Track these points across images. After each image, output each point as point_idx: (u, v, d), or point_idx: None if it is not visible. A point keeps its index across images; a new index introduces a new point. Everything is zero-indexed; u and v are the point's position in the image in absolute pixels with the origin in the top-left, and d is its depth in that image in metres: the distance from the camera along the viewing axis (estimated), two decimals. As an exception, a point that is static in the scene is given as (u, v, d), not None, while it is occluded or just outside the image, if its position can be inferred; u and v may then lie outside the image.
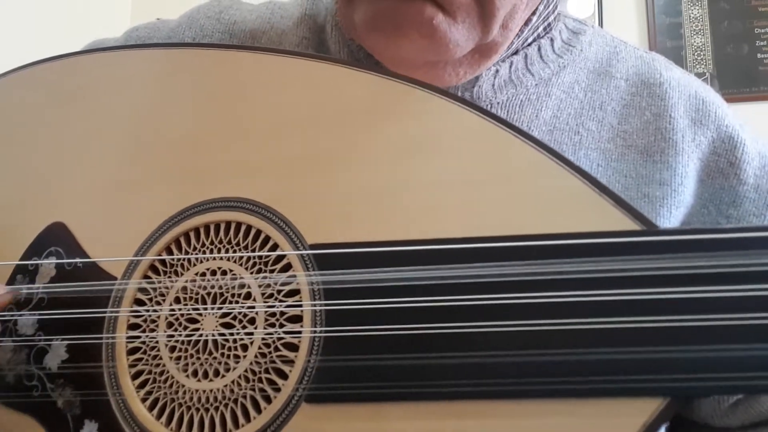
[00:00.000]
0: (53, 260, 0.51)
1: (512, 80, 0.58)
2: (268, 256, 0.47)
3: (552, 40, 0.61)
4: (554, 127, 0.58)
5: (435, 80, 0.53)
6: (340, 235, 0.45)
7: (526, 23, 0.57)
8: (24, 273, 0.52)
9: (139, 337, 0.48)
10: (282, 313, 0.45)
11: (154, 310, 0.48)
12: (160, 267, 0.49)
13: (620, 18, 2.36)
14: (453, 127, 0.47)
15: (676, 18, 2.37)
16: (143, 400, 0.47)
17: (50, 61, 0.59)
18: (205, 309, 0.47)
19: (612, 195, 0.42)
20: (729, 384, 0.38)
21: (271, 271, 0.46)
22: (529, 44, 0.59)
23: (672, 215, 0.56)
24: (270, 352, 0.45)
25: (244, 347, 0.46)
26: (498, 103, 0.58)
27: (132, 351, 0.48)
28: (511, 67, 0.58)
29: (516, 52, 0.58)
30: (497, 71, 0.57)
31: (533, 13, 0.58)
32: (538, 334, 0.40)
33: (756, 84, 2.29)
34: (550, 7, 0.59)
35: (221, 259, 0.48)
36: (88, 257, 0.51)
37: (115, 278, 0.49)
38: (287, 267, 0.46)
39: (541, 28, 0.60)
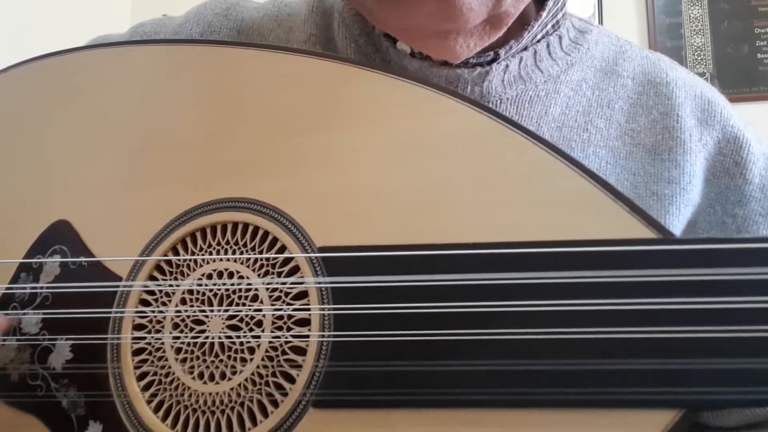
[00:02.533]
0: (57, 259, 0.51)
1: (522, 76, 0.58)
2: (276, 258, 0.46)
3: (560, 37, 0.60)
4: (563, 124, 0.58)
5: (446, 51, 0.52)
6: (349, 238, 0.45)
7: (536, 19, 0.57)
8: (28, 271, 0.51)
9: (144, 338, 0.47)
10: (290, 316, 0.45)
11: (160, 311, 0.48)
12: (166, 267, 0.49)
13: (620, 18, 2.36)
14: (461, 127, 0.46)
15: (676, 18, 2.36)
16: (148, 402, 0.46)
17: (55, 56, 0.58)
18: (212, 311, 0.47)
19: (625, 200, 0.41)
20: (746, 397, 0.37)
21: (279, 274, 0.46)
22: (538, 41, 0.59)
23: (681, 213, 0.56)
24: (277, 356, 0.44)
25: (251, 350, 0.45)
26: (508, 98, 0.58)
27: (137, 352, 0.47)
28: (520, 63, 0.57)
29: (525, 48, 0.58)
30: (507, 66, 0.57)
31: (542, 9, 0.57)
32: (550, 342, 0.40)
33: (756, 84, 2.29)
34: (559, 4, 0.59)
35: (228, 260, 0.48)
36: (93, 256, 0.50)
37: (120, 278, 0.49)
38: (295, 269, 0.46)
39: (549, 26, 0.60)
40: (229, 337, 0.46)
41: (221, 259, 0.48)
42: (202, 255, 0.48)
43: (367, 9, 0.54)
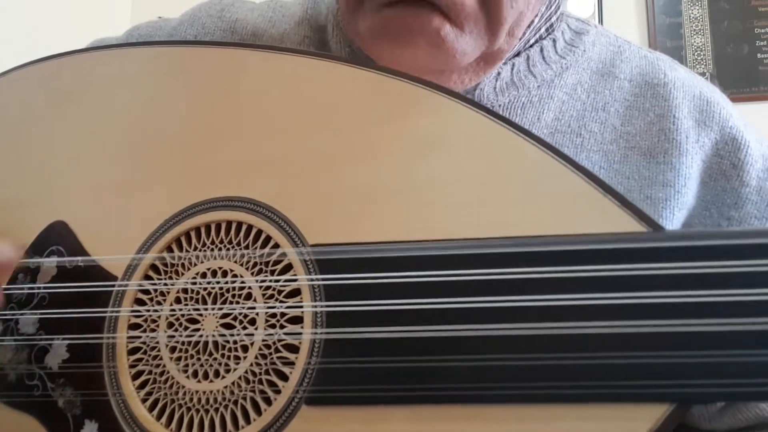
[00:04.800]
0: (54, 259, 0.51)
1: (514, 82, 0.58)
2: (269, 256, 0.47)
3: (554, 41, 0.60)
4: (556, 130, 0.58)
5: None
6: (341, 235, 0.45)
7: (528, 25, 0.57)
8: (26, 272, 0.52)
9: (139, 337, 0.48)
10: (283, 314, 0.45)
11: (155, 310, 0.48)
12: (161, 267, 0.49)
13: (620, 18, 2.36)
14: (456, 126, 0.47)
15: (676, 18, 2.37)
16: (143, 401, 0.47)
17: (51, 60, 0.59)
18: (206, 309, 0.47)
19: (617, 195, 0.42)
20: (737, 390, 0.37)
21: (272, 272, 0.46)
22: (531, 45, 0.59)
23: (675, 217, 0.56)
24: (270, 354, 0.45)
25: (245, 348, 0.45)
26: (500, 105, 0.57)
27: (132, 351, 0.48)
28: (513, 69, 0.57)
29: (518, 54, 0.58)
30: (499, 74, 0.57)
31: (534, 15, 0.57)
32: (541, 337, 0.40)
33: (756, 84, 2.29)
34: (552, 7, 0.59)
35: (222, 259, 0.48)
36: (90, 256, 0.50)
37: (116, 277, 0.49)
38: (288, 267, 0.46)
39: (543, 29, 0.59)
40: (223, 335, 0.46)
41: (215, 258, 0.48)
42: (197, 254, 0.49)
43: (363, 43, 0.54)
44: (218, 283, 0.47)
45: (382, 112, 0.48)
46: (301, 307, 0.44)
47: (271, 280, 0.46)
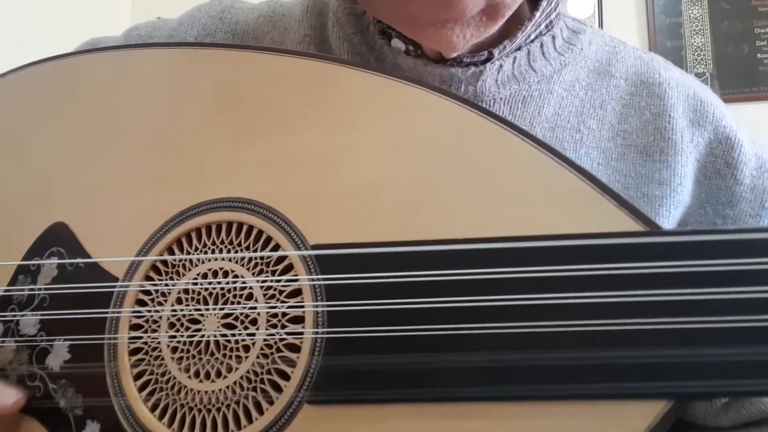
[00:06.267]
0: (55, 260, 0.51)
1: (515, 76, 0.58)
2: (270, 256, 0.47)
3: (554, 37, 0.61)
4: (556, 125, 0.58)
5: (443, 41, 0.52)
6: (342, 235, 0.45)
7: (530, 19, 0.57)
8: (26, 273, 0.52)
9: (141, 337, 0.48)
10: (284, 314, 0.45)
11: (156, 311, 0.48)
12: (161, 267, 0.49)
13: (620, 18, 2.37)
14: (453, 125, 0.47)
15: (676, 18, 2.37)
16: (145, 401, 0.47)
17: (52, 61, 0.59)
18: (207, 310, 0.47)
19: (614, 195, 0.42)
20: (734, 388, 0.38)
21: (273, 272, 0.46)
22: (532, 41, 0.59)
23: (671, 215, 0.57)
24: (272, 353, 0.45)
25: (246, 348, 0.45)
26: (501, 98, 0.58)
27: (134, 351, 0.48)
28: (514, 62, 0.58)
29: (519, 48, 0.58)
30: (501, 66, 0.57)
31: (536, 9, 0.58)
32: (539, 336, 0.40)
33: (756, 84, 2.29)
34: (552, 4, 0.59)
35: (223, 259, 0.48)
36: (90, 257, 0.50)
37: (117, 278, 0.49)
38: (289, 267, 0.46)
39: (543, 26, 0.60)
40: (225, 335, 0.46)
41: (216, 259, 0.48)
42: (198, 255, 0.49)
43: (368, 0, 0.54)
44: (219, 283, 0.47)
45: (380, 111, 0.48)
46: (303, 306, 0.44)
47: (272, 281, 0.46)
